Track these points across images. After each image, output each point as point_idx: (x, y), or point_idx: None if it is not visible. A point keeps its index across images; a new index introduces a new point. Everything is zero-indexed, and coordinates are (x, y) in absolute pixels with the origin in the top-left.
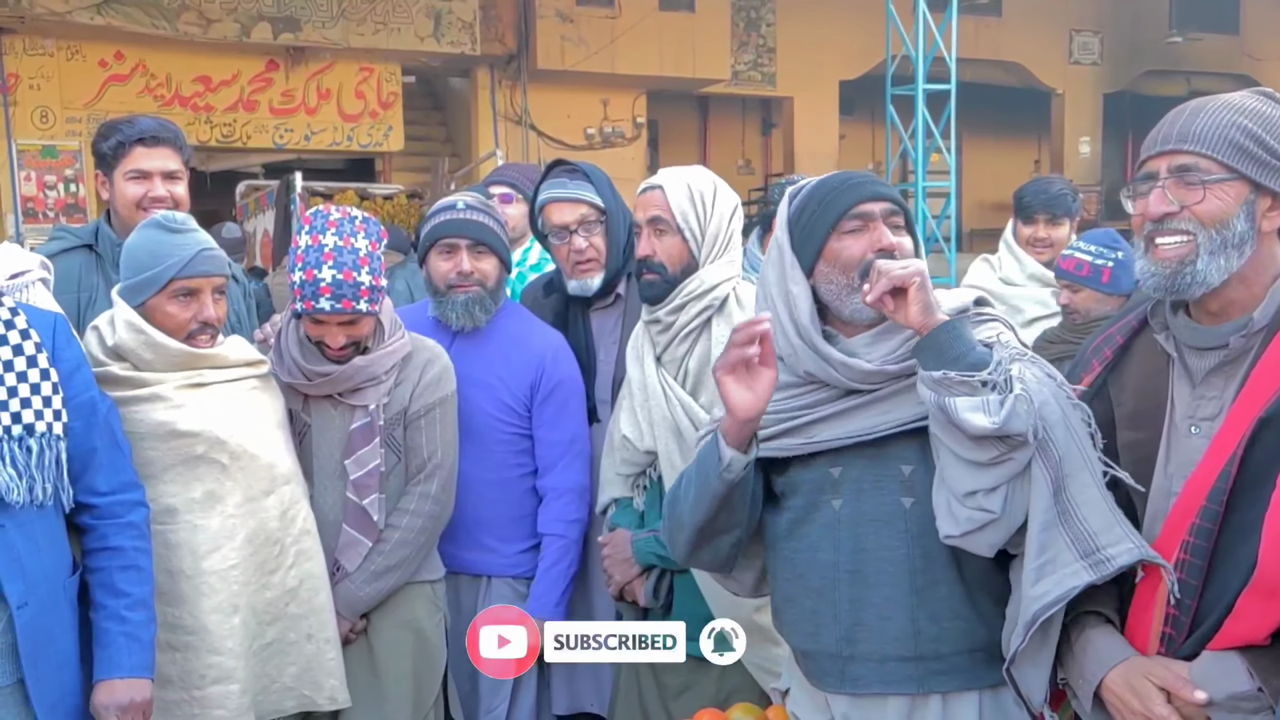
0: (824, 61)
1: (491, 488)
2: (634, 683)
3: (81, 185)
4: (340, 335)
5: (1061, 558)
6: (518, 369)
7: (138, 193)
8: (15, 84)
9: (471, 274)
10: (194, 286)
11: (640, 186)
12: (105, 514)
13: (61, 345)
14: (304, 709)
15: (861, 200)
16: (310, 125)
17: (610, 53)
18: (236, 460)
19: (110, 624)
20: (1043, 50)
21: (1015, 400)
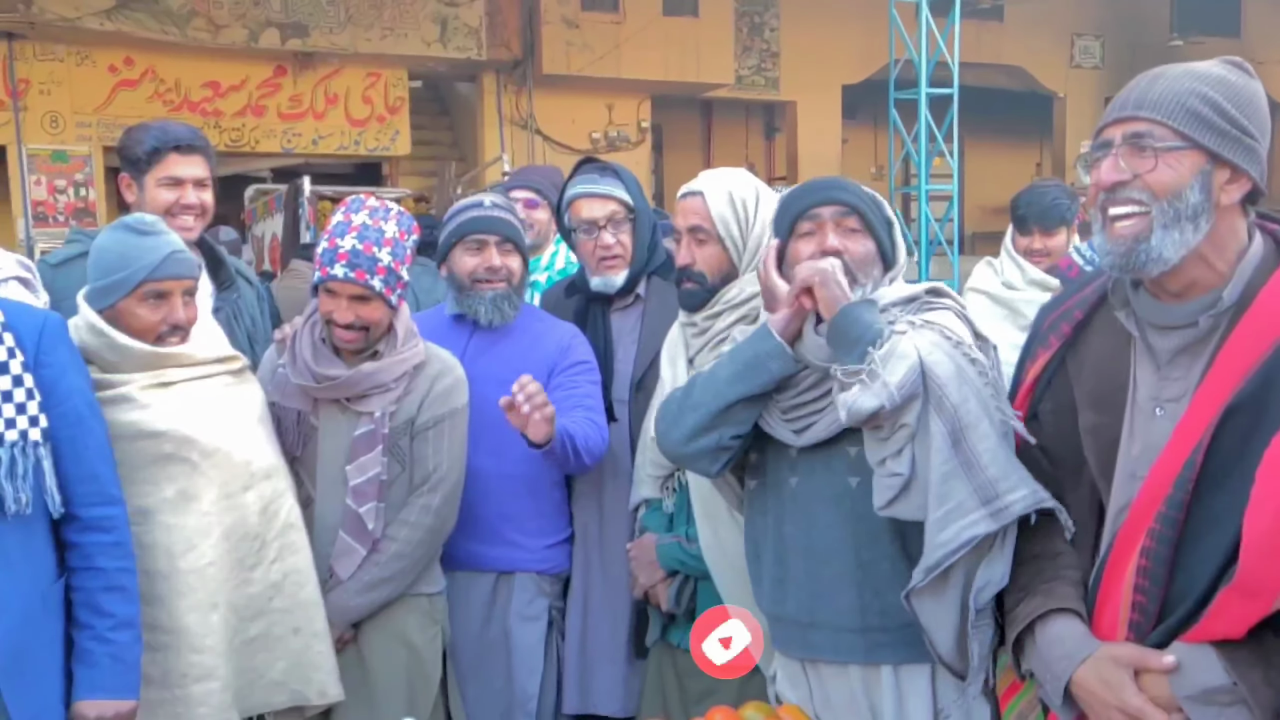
0: (827, 66)
1: (514, 482)
2: (658, 686)
3: (91, 189)
4: (349, 311)
5: (964, 505)
6: (535, 363)
7: (170, 199)
8: (26, 89)
9: (501, 269)
10: (164, 289)
11: (680, 191)
12: (90, 527)
13: (47, 349)
14: (295, 703)
15: (811, 205)
16: (318, 130)
17: (615, 58)
18: (208, 457)
19: (94, 645)
20: (1044, 54)
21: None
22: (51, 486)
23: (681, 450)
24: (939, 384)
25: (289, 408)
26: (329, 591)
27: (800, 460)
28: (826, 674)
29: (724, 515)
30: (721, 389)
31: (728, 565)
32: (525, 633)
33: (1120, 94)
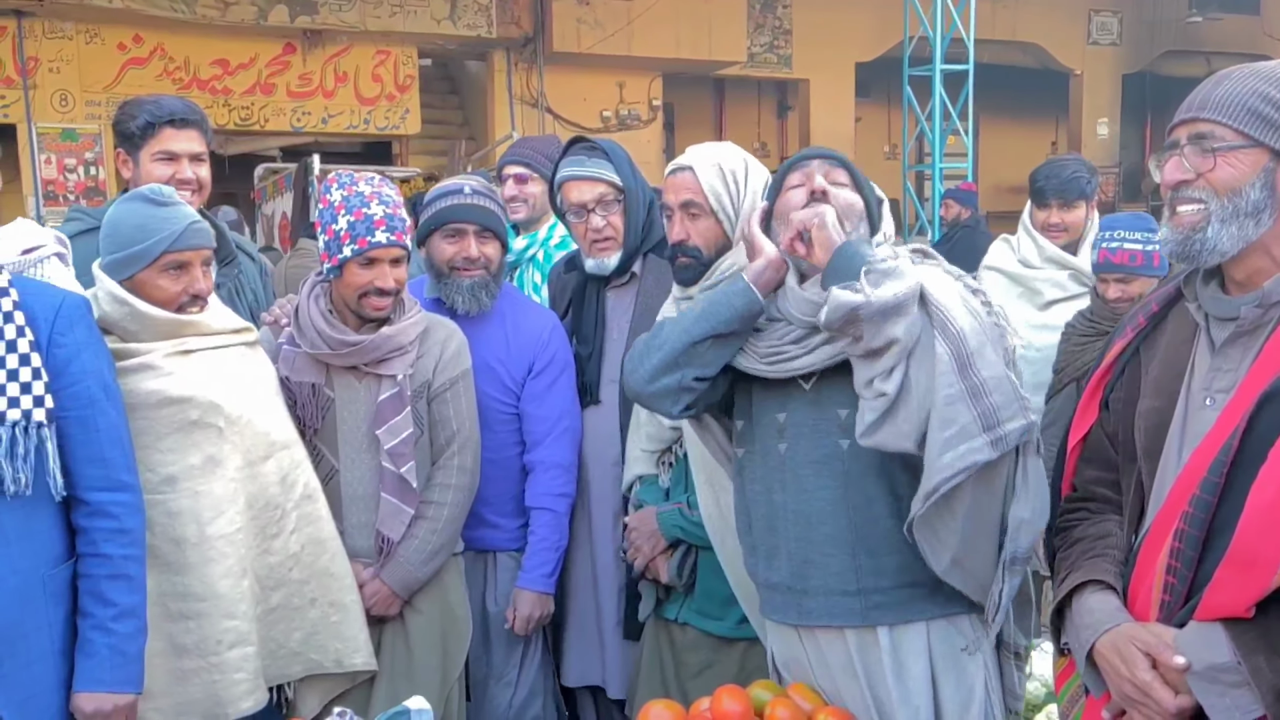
0: (840, 43)
1: (493, 467)
2: (656, 661)
3: (101, 168)
4: (390, 276)
5: (968, 430)
6: (516, 352)
7: (165, 174)
8: (35, 67)
9: (479, 259)
10: (184, 259)
11: (668, 168)
12: (96, 512)
13: (62, 329)
14: (310, 672)
15: (802, 159)
16: (327, 108)
17: (626, 35)
18: (233, 424)
19: (95, 635)
20: (1061, 31)
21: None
22: (54, 469)
23: (644, 389)
24: (942, 308)
25: (302, 381)
26: (385, 560)
27: (789, 426)
28: (822, 640)
29: (725, 483)
30: (687, 327)
31: (730, 533)
32: (506, 609)
33: (1190, 95)
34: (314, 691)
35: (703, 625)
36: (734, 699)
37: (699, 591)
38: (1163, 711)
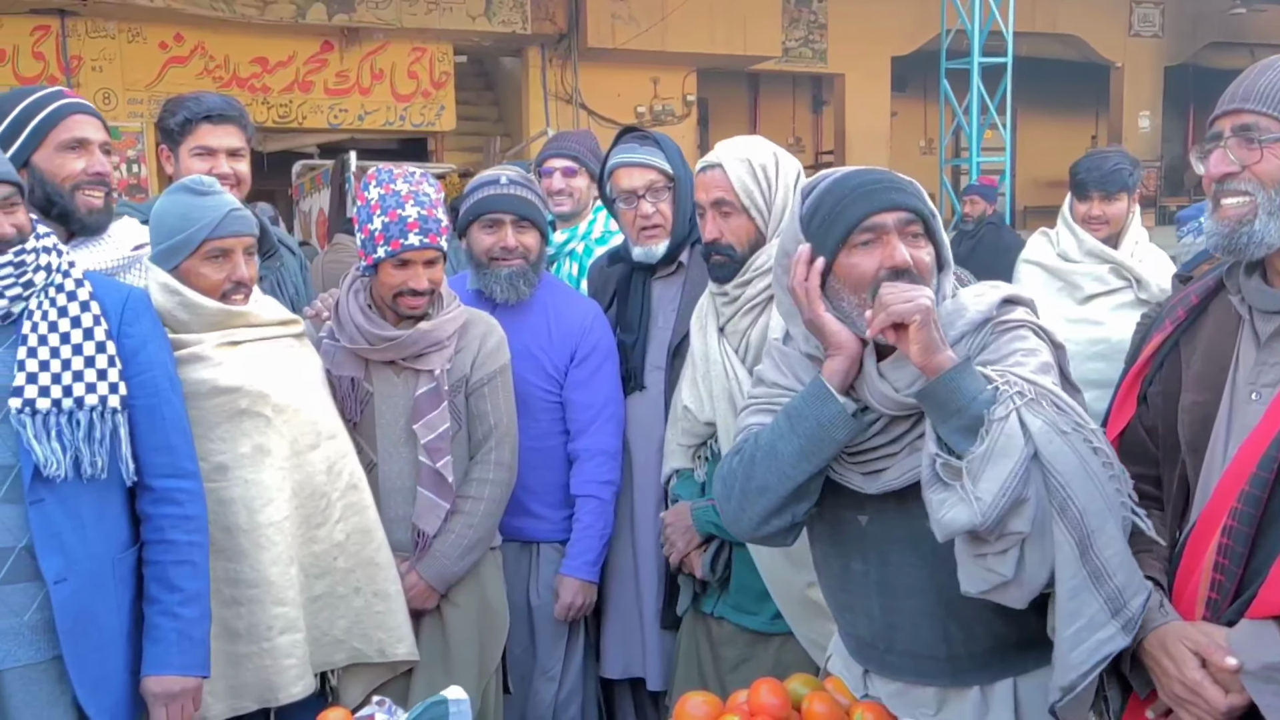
0: (876, 37)
1: (537, 455)
2: (693, 655)
3: (144, 166)
4: (424, 277)
5: (1095, 620)
6: (558, 339)
7: (202, 169)
8: (78, 66)
9: (516, 248)
10: (226, 247)
11: (698, 165)
12: (162, 499)
13: (129, 320)
14: (354, 661)
15: (874, 211)
16: (364, 105)
17: (661, 30)
18: (280, 414)
19: (163, 619)
20: (1102, 22)
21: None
22: (126, 454)
23: (754, 535)
24: (1062, 484)
25: (342, 375)
26: (421, 553)
27: (869, 498)
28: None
29: None
30: (787, 470)
31: None
32: (551, 602)
33: (1231, 86)
34: (357, 681)
35: (738, 620)
36: (772, 692)
37: (734, 586)
38: (1213, 711)
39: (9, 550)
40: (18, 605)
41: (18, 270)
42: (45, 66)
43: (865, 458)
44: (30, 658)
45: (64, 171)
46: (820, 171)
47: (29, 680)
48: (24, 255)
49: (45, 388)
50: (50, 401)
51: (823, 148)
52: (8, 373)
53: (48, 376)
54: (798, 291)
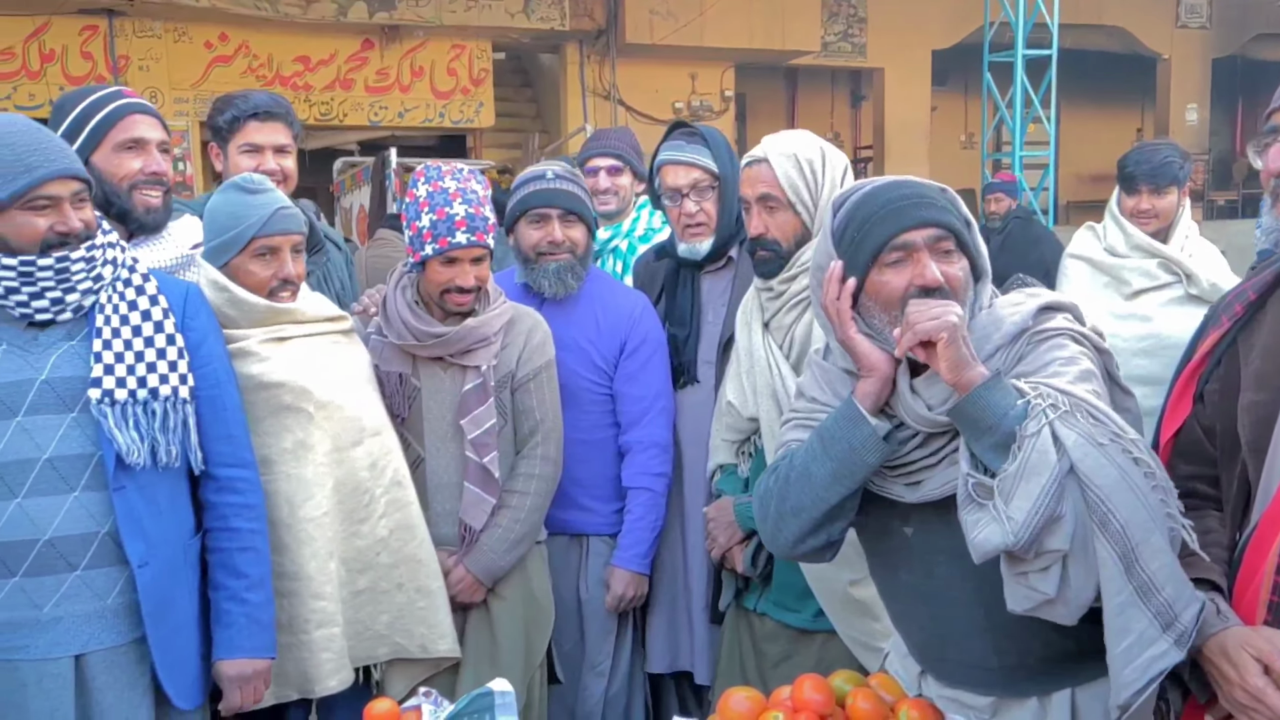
0: (916, 31)
1: (587, 448)
2: (736, 650)
3: (189, 164)
4: (471, 275)
5: (1146, 635)
6: (606, 331)
7: (250, 165)
8: (125, 66)
9: (563, 243)
10: (274, 244)
11: (744, 160)
12: (225, 488)
13: (191, 314)
14: (396, 655)
15: (903, 229)
16: (404, 103)
17: (699, 26)
18: (322, 409)
19: (232, 605)
20: (1148, 14)
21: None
22: (195, 443)
23: (791, 554)
24: (1102, 497)
25: (390, 371)
26: (468, 548)
27: (913, 510)
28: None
29: None
30: (820, 493)
31: None
32: (601, 596)
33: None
34: (401, 675)
35: (780, 616)
36: (816, 688)
37: (776, 583)
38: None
39: (93, 536)
40: (102, 589)
41: (88, 265)
42: (93, 66)
43: (904, 470)
44: (113, 640)
45: (121, 171)
46: (853, 183)
47: (111, 663)
48: (94, 250)
49: (121, 379)
50: (127, 392)
51: (861, 143)
52: (84, 365)
53: (123, 368)
54: (829, 310)
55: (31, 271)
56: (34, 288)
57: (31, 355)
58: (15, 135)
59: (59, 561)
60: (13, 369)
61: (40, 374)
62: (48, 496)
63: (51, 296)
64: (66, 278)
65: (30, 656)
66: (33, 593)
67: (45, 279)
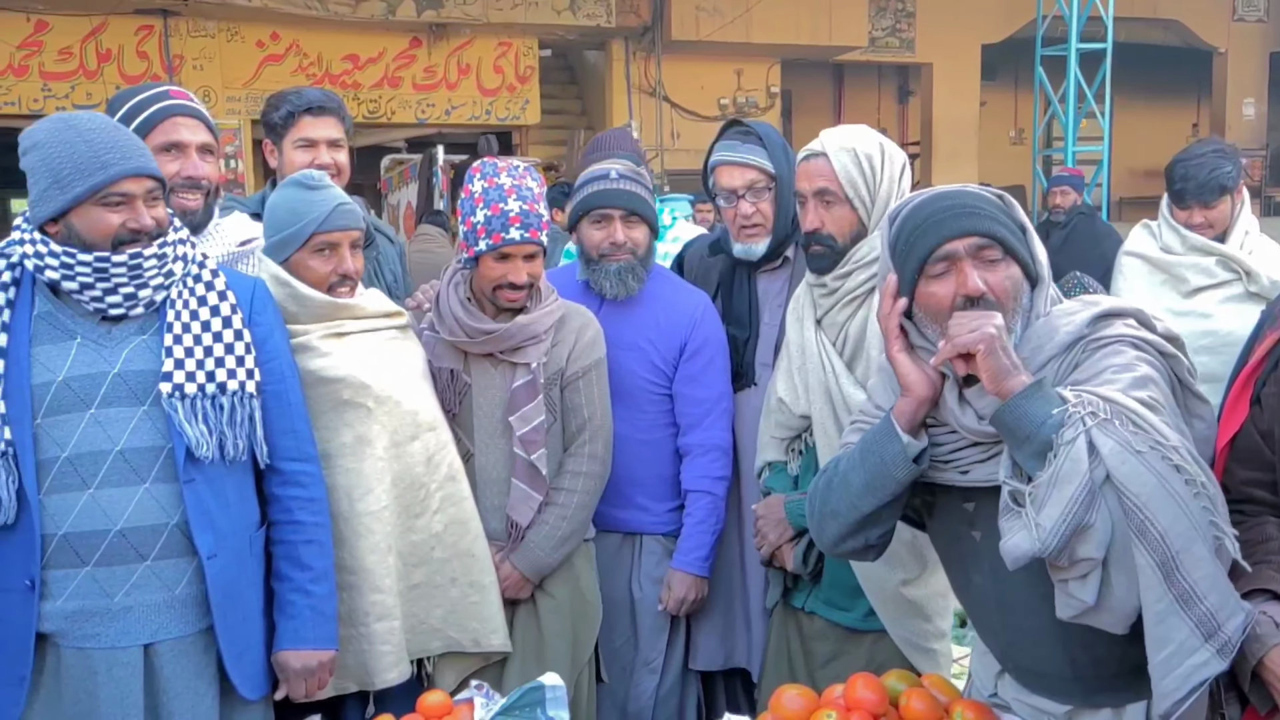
0: (966, 25)
1: (643, 447)
2: (783, 649)
3: (240, 161)
4: (523, 271)
5: (1187, 645)
6: (667, 331)
7: (304, 160)
8: (180, 65)
9: (625, 243)
10: (333, 240)
11: (800, 154)
12: (289, 481)
13: (258, 310)
14: (449, 649)
15: (944, 240)
16: (451, 100)
17: (745, 22)
18: (381, 405)
19: (296, 597)
20: (1205, 7)
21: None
22: (260, 438)
23: (833, 553)
24: (1139, 505)
25: (442, 367)
26: (514, 544)
27: (979, 516)
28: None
29: None
30: (855, 500)
31: None
32: (654, 595)
33: None
34: (451, 669)
35: (830, 615)
36: (868, 687)
37: (826, 581)
38: None
39: (163, 527)
40: (171, 580)
41: (160, 261)
42: (149, 65)
43: (957, 459)
44: (181, 631)
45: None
46: (909, 195)
47: (179, 653)
48: (166, 247)
49: (191, 373)
50: (196, 386)
51: (908, 139)
52: (155, 359)
53: (193, 362)
54: (880, 325)
55: (106, 268)
56: (108, 283)
57: (105, 349)
58: (94, 133)
59: (130, 552)
60: (87, 362)
61: (113, 367)
62: (119, 488)
63: (124, 292)
64: (139, 274)
65: (101, 645)
66: (104, 582)
67: (119, 275)
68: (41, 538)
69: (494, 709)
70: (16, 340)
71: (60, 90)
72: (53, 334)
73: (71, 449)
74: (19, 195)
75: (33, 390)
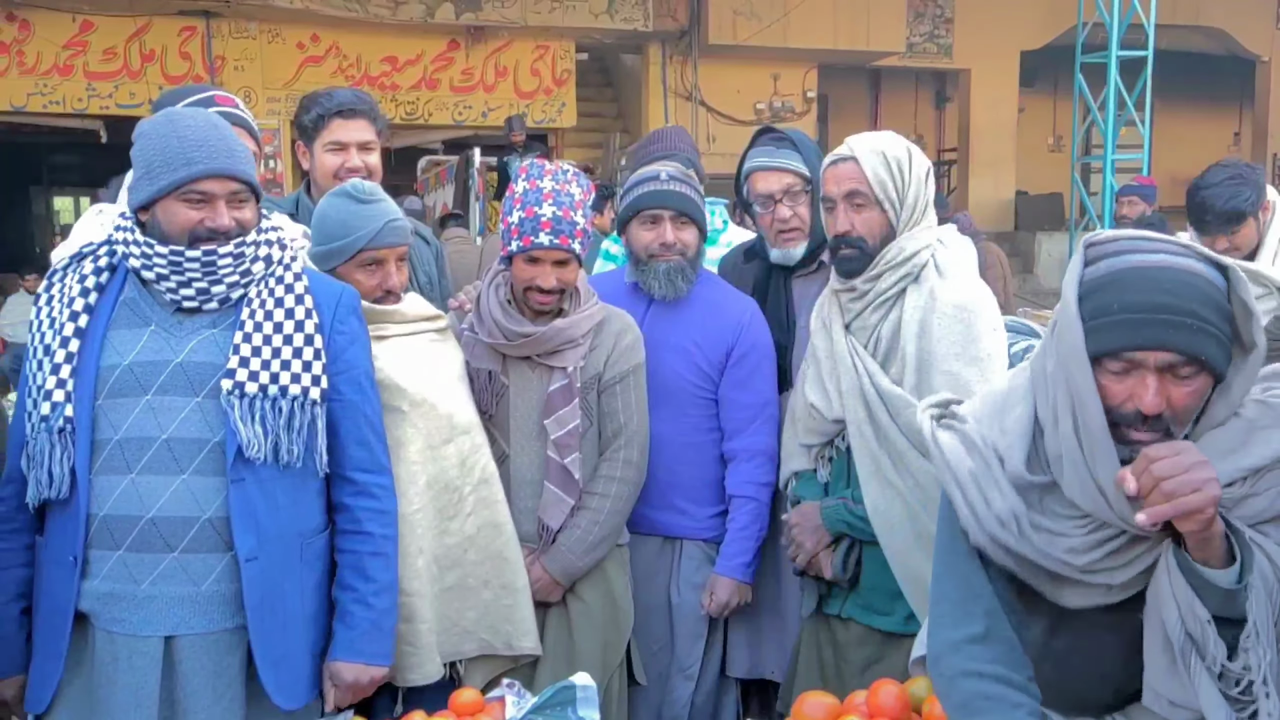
0: (1005, 31)
1: (686, 450)
2: (814, 658)
3: (279, 162)
4: (552, 276)
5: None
6: (713, 335)
7: (335, 163)
8: (221, 66)
9: (674, 244)
10: (380, 257)
11: (828, 158)
12: (361, 492)
13: (341, 319)
14: (482, 652)
15: (1134, 347)
16: (487, 102)
17: (782, 26)
18: (416, 408)
19: (357, 608)
20: (1248, 14)
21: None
22: (321, 446)
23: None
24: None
25: (480, 368)
26: (545, 547)
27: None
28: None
29: (892, 475)
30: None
31: (895, 528)
32: (692, 600)
33: None
34: (481, 669)
35: (868, 620)
36: (892, 694)
37: (864, 586)
38: None
39: (194, 520)
40: (197, 574)
41: (236, 260)
42: (191, 66)
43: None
44: (204, 627)
45: None
46: (1113, 236)
47: (199, 649)
48: (244, 247)
49: (255, 373)
50: (258, 386)
51: (945, 145)
52: (221, 353)
53: (258, 362)
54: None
55: (180, 261)
56: (181, 276)
57: (174, 338)
58: (190, 130)
59: (158, 540)
60: (154, 349)
61: (177, 356)
62: (158, 475)
63: (198, 286)
64: (213, 270)
65: (125, 631)
66: (133, 567)
67: (192, 270)
68: (87, 516)
69: (525, 707)
70: (96, 322)
71: (104, 90)
72: (131, 319)
73: (124, 432)
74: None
75: (99, 371)
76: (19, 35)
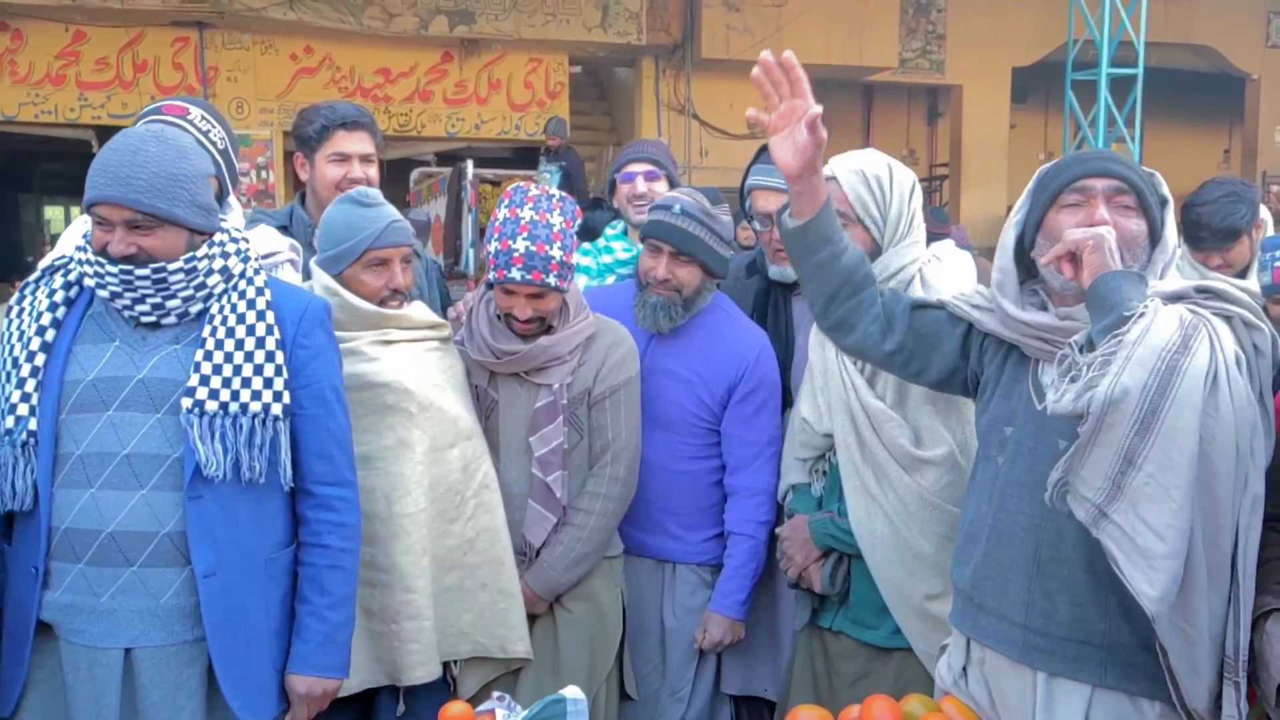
0: (997, 47)
1: (680, 478)
2: (808, 671)
3: (271, 172)
4: (527, 308)
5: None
6: (718, 368)
7: (338, 174)
8: (214, 77)
9: (668, 280)
10: (385, 256)
11: None
12: (321, 505)
13: (304, 332)
14: (478, 654)
15: (1084, 175)
16: (480, 115)
17: (775, 41)
18: (424, 410)
19: (311, 621)
20: (1238, 32)
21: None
22: (285, 461)
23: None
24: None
25: (471, 382)
26: (529, 564)
27: (1011, 440)
28: (989, 659)
29: (875, 490)
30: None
31: (877, 542)
32: (687, 625)
33: None
34: (474, 674)
35: (857, 634)
36: (885, 709)
37: (854, 600)
38: None
39: (152, 535)
40: (156, 588)
41: (189, 275)
42: (184, 77)
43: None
44: (163, 640)
45: None
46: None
47: (158, 661)
48: (194, 262)
49: (215, 391)
50: (218, 404)
51: (937, 160)
52: (183, 370)
53: (219, 380)
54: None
55: (130, 279)
56: (135, 293)
57: (137, 354)
58: (109, 150)
59: (117, 555)
60: (117, 365)
61: (139, 372)
62: (117, 490)
63: (152, 302)
64: (165, 286)
65: (85, 642)
66: (93, 581)
67: (144, 286)
68: (49, 529)
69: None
70: (63, 336)
71: (96, 100)
72: (97, 335)
73: (85, 447)
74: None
75: (63, 386)
76: (11, 45)
